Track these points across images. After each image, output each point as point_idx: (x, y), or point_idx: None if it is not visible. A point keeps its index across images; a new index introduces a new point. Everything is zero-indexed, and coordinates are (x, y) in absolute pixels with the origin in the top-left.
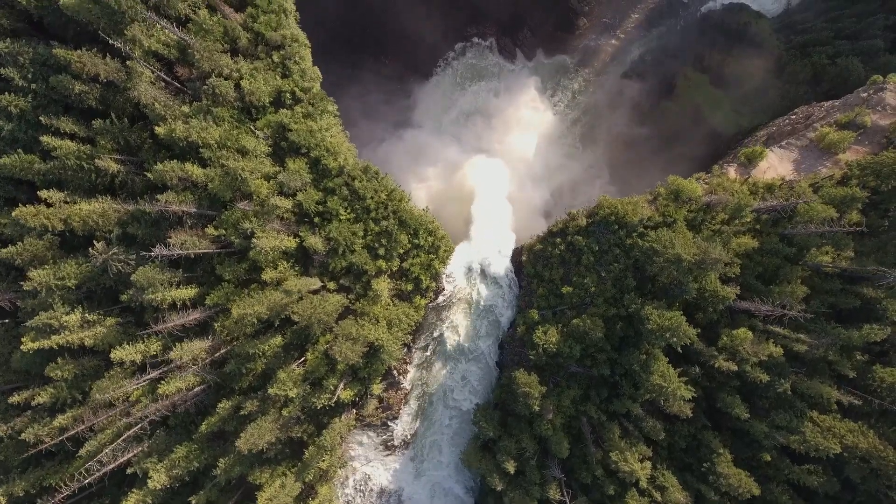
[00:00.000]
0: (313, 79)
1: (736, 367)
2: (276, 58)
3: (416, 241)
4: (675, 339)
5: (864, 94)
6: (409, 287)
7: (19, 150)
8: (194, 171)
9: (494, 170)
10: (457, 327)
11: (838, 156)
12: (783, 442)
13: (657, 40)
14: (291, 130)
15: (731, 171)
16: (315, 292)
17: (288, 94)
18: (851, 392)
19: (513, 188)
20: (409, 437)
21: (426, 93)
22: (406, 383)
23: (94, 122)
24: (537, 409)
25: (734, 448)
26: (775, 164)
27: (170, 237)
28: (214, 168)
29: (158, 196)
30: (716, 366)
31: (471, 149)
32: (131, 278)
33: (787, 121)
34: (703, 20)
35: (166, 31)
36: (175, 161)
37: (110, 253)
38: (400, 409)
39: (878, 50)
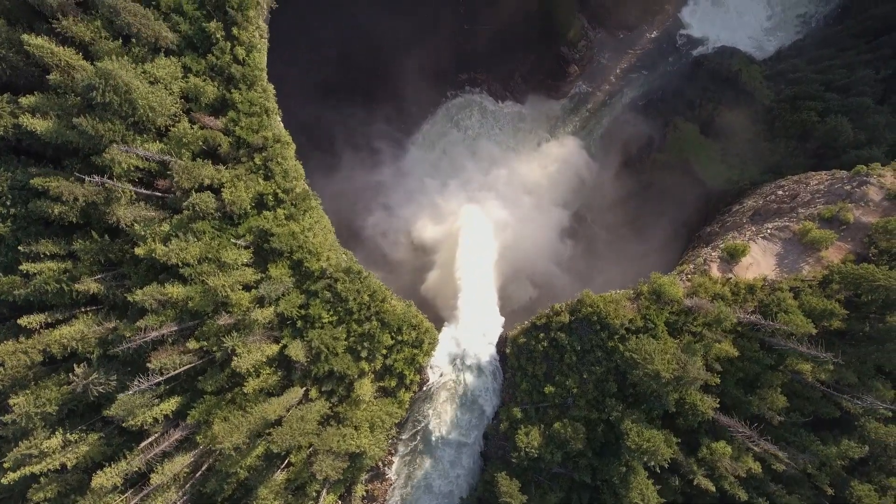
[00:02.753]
0: (296, 177)
1: (714, 488)
2: (257, 160)
3: (400, 337)
4: (652, 462)
5: (848, 187)
6: (393, 383)
7: None
8: (174, 291)
9: (484, 231)
10: (441, 416)
11: (821, 252)
12: None
13: (649, 85)
14: (274, 235)
15: (714, 269)
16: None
17: (270, 196)
18: None
19: (504, 240)
20: None
21: (417, 139)
22: (391, 474)
23: (74, 242)
24: None
25: None
26: (759, 259)
27: (150, 361)
28: (195, 285)
29: (139, 322)
30: (695, 482)
31: (462, 196)
32: (110, 411)
33: (773, 196)
34: (695, 65)
35: (146, 146)
36: (154, 284)
37: (91, 378)
38: (385, 500)
39: (867, 108)
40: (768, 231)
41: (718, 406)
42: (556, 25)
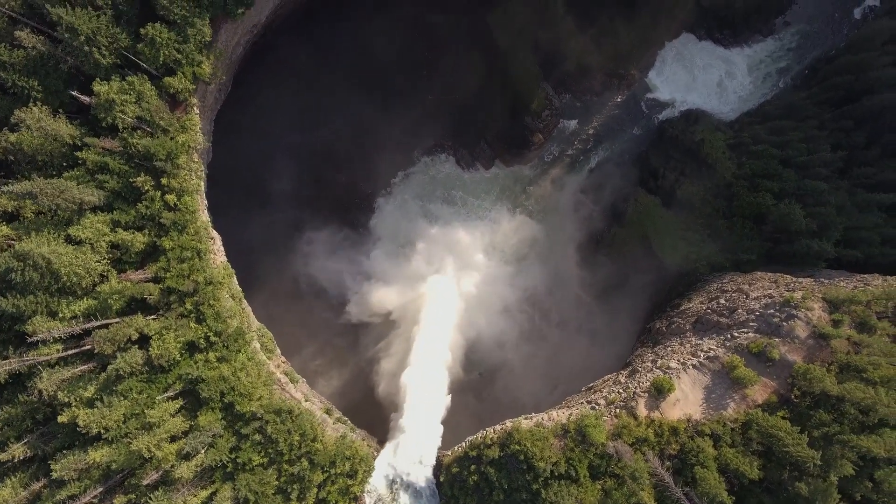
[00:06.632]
0: (231, 316)
1: None
2: (188, 305)
3: (333, 469)
4: None
5: (777, 318)
6: None
7: None
8: (97, 456)
9: (446, 304)
10: None
11: (746, 390)
12: None
13: (614, 150)
14: (203, 381)
15: (641, 405)
16: None
17: (202, 340)
18: None
19: (462, 313)
20: None
21: (382, 203)
22: None
23: (1, 408)
24: None
25: None
26: (687, 392)
27: None
28: (119, 446)
29: (61, 493)
30: None
31: (426, 265)
32: None
33: (716, 303)
34: (660, 131)
35: (72, 307)
36: (76, 452)
37: None
38: None
39: (822, 191)
40: (701, 357)
41: None
42: (520, 96)
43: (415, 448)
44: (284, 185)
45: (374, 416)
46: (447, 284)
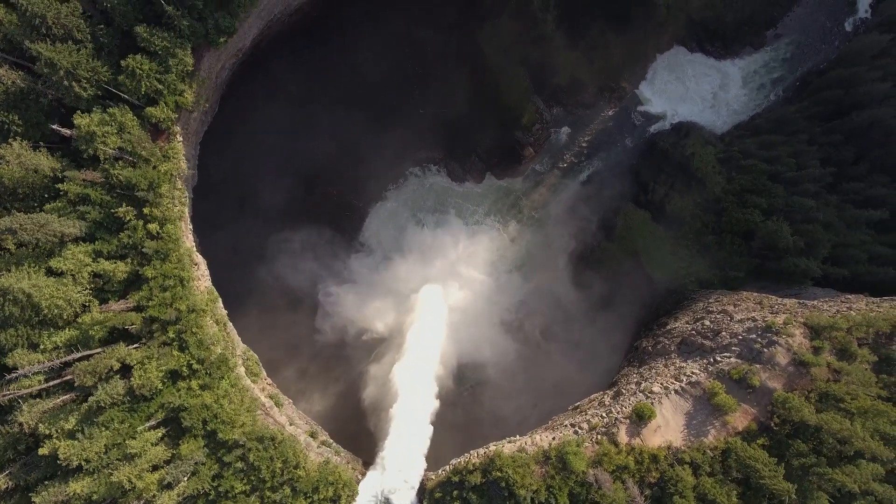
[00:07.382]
0: (214, 342)
1: None
2: (171, 333)
3: (316, 495)
4: None
5: (758, 344)
6: None
7: None
8: (77, 488)
9: (436, 317)
10: None
11: (727, 417)
12: None
13: (605, 163)
14: (185, 410)
15: (622, 432)
16: None
17: (185, 367)
18: None
19: (453, 326)
20: None
21: (375, 214)
22: None
23: None
24: None
25: None
26: (668, 418)
27: None
28: (100, 476)
29: None
30: None
31: (418, 276)
32: None
33: (700, 324)
34: (650, 144)
35: (53, 339)
36: (57, 484)
37: None
38: None
39: (810, 208)
40: (684, 382)
41: None
42: (511, 111)
43: (405, 448)
44: (274, 199)
45: (361, 430)
46: (437, 294)
